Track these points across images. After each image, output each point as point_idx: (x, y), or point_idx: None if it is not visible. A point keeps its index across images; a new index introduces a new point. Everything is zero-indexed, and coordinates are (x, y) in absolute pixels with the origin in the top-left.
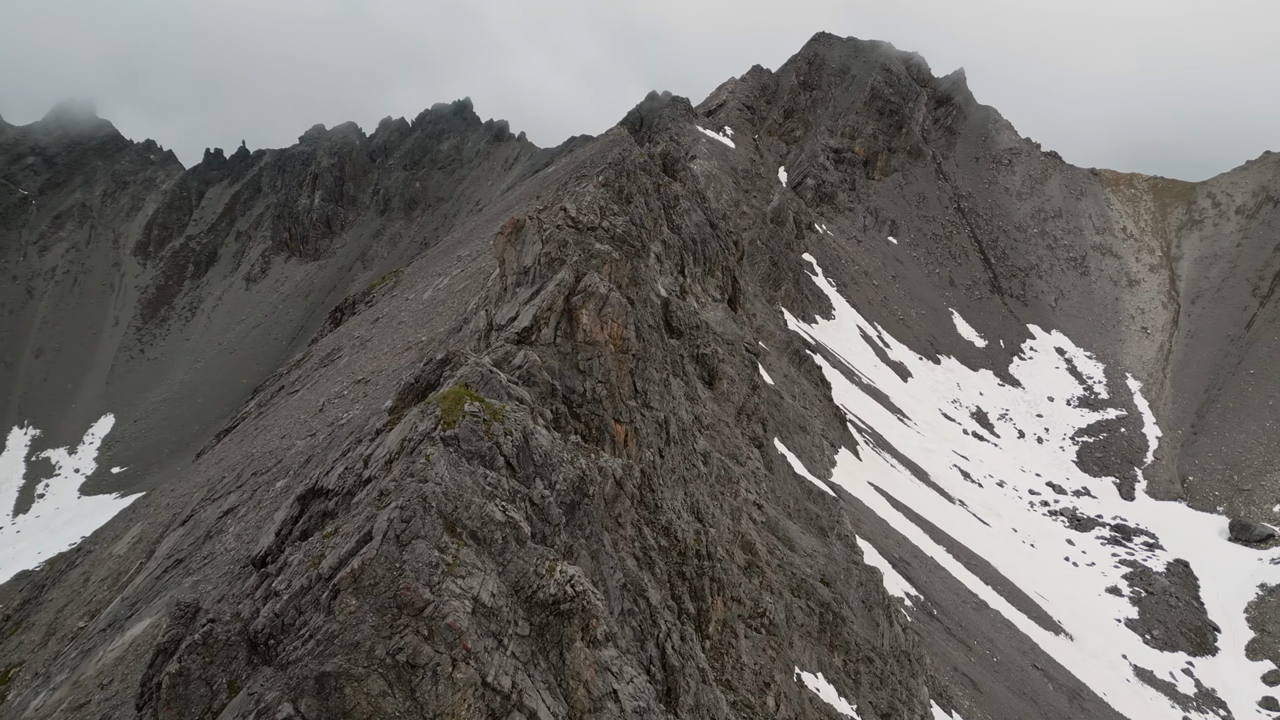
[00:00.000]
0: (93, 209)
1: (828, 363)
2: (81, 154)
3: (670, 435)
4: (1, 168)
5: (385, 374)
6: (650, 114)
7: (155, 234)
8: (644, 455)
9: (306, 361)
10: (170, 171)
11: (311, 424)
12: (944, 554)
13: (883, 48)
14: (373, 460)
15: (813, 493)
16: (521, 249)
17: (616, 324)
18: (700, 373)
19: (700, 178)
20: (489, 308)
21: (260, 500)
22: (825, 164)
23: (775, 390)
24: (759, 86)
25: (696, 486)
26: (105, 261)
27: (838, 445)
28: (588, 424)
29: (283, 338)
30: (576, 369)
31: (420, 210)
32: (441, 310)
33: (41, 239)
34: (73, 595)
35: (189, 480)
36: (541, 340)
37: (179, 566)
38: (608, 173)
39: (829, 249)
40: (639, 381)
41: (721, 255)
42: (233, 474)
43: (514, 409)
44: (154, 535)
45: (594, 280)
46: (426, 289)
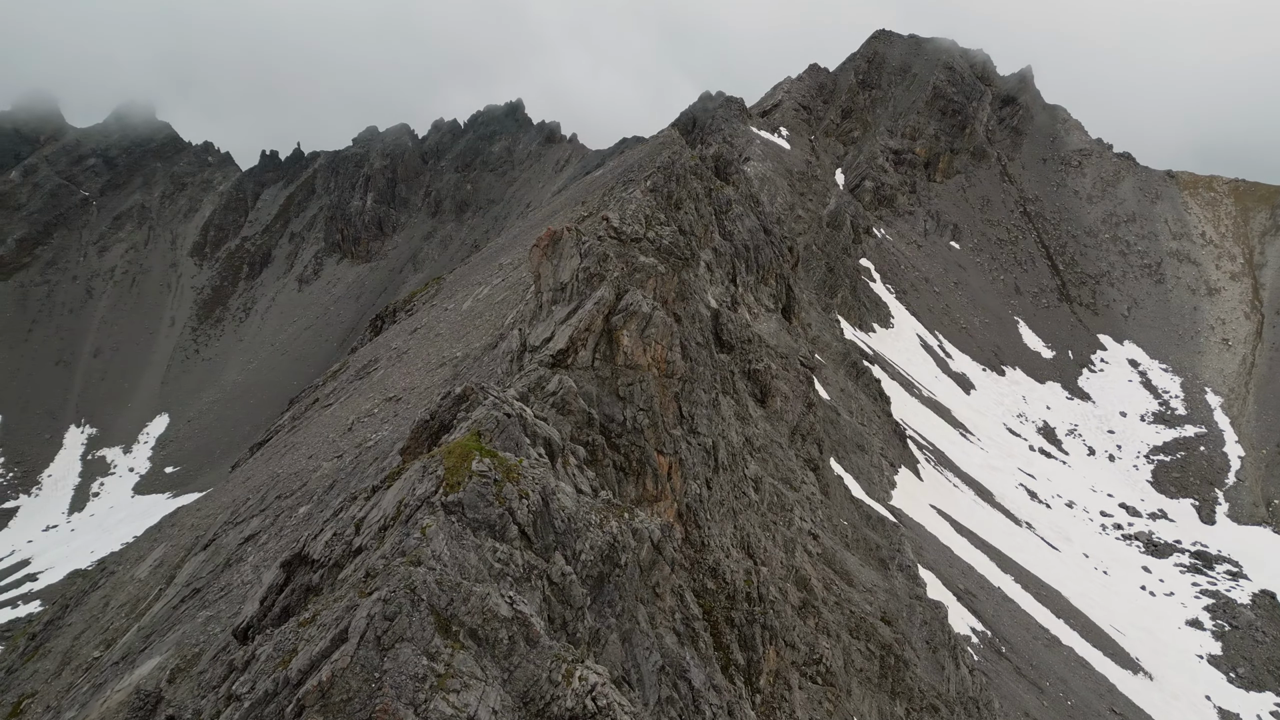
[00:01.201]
0: (151, 210)
1: (886, 374)
2: (141, 156)
3: (719, 462)
4: (63, 169)
5: (417, 392)
6: (703, 115)
7: (211, 235)
8: (689, 488)
9: (343, 373)
10: (227, 173)
11: (339, 444)
12: (1012, 584)
13: (945, 45)
14: (365, 525)
15: (872, 518)
16: (558, 263)
17: (660, 345)
18: (752, 390)
19: (754, 180)
20: (523, 326)
21: (282, 527)
22: (884, 166)
23: (831, 406)
24: (816, 86)
25: (747, 517)
26: (163, 262)
27: (898, 464)
28: (627, 455)
29: (334, 339)
30: (616, 395)
31: (471, 212)
32: (479, 323)
33: (101, 239)
34: (91, 621)
35: (215, 500)
36: (578, 363)
37: (196, 597)
38: (656, 177)
39: (888, 254)
40: (685, 405)
41: (775, 262)
42: (257, 496)
43: (532, 464)
44: (175, 559)
45: (636, 298)
46: (466, 299)
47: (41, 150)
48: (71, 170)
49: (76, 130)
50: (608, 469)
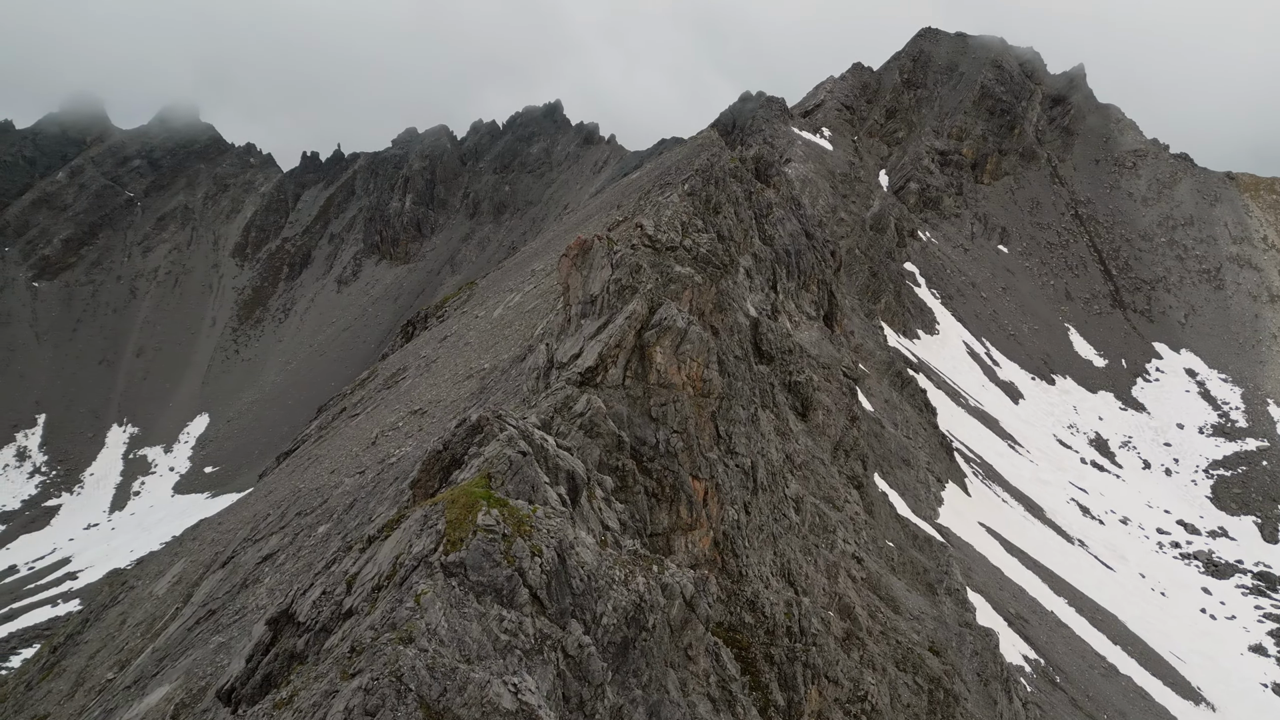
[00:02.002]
0: (194, 211)
1: (931, 383)
2: (185, 157)
3: (758, 482)
4: (108, 170)
5: (443, 405)
6: (742, 115)
7: (253, 236)
8: (726, 514)
9: (371, 381)
10: (269, 174)
11: (362, 459)
12: (1065, 607)
13: (993, 43)
14: (358, 584)
15: (918, 538)
16: (588, 274)
17: (696, 363)
18: (793, 403)
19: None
20: (550, 341)
21: (300, 547)
22: (930, 167)
23: (875, 418)
24: (859, 85)
25: (787, 541)
26: (205, 263)
27: (944, 479)
28: (660, 481)
29: (371, 341)
30: (648, 416)
31: (509, 214)
32: (509, 333)
33: (145, 240)
34: (107, 640)
35: (236, 513)
36: (608, 382)
37: (211, 619)
38: (694, 180)
39: (933, 258)
40: (722, 424)
41: (817, 267)
42: (277, 512)
43: (548, 513)
44: (194, 576)
45: (671, 312)
46: (497, 306)
47: (87, 152)
48: (117, 171)
49: (122, 132)
50: (639, 496)
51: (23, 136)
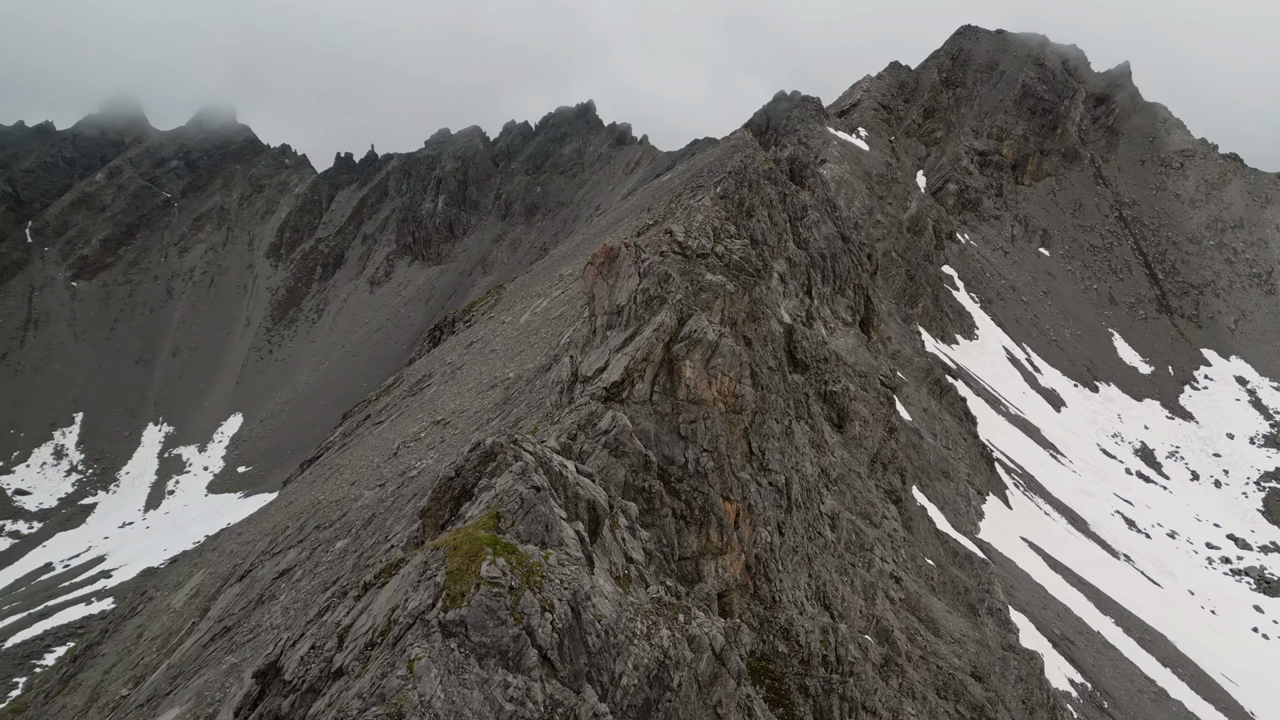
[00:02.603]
0: (230, 212)
1: (970, 390)
2: (221, 158)
3: (792, 500)
4: (146, 171)
5: (466, 416)
6: (777, 116)
7: (287, 236)
8: (759, 536)
9: (396, 387)
10: (303, 175)
11: (383, 470)
12: (1112, 627)
13: (1035, 41)
14: (350, 638)
15: (959, 555)
16: (614, 283)
17: (728, 377)
18: (828, 413)
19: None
20: (574, 353)
21: (317, 562)
22: (969, 167)
23: (913, 429)
24: (896, 84)
25: (823, 562)
26: (240, 263)
27: (985, 492)
28: (689, 503)
29: (403, 341)
30: (677, 434)
31: (541, 215)
32: (534, 340)
33: (182, 240)
34: (123, 654)
35: (256, 524)
36: (635, 397)
37: (225, 636)
38: (726, 183)
39: (972, 261)
40: (754, 440)
41: (854, 271)
42: (296, 524)
43: (562, 559)
44: (211, 589)
45: (701, 324)
46: (524, 311)
47: (126, 153)
48: (154, 172)
49: (159, 133)
50: (666, 519)
51: (62, 138)
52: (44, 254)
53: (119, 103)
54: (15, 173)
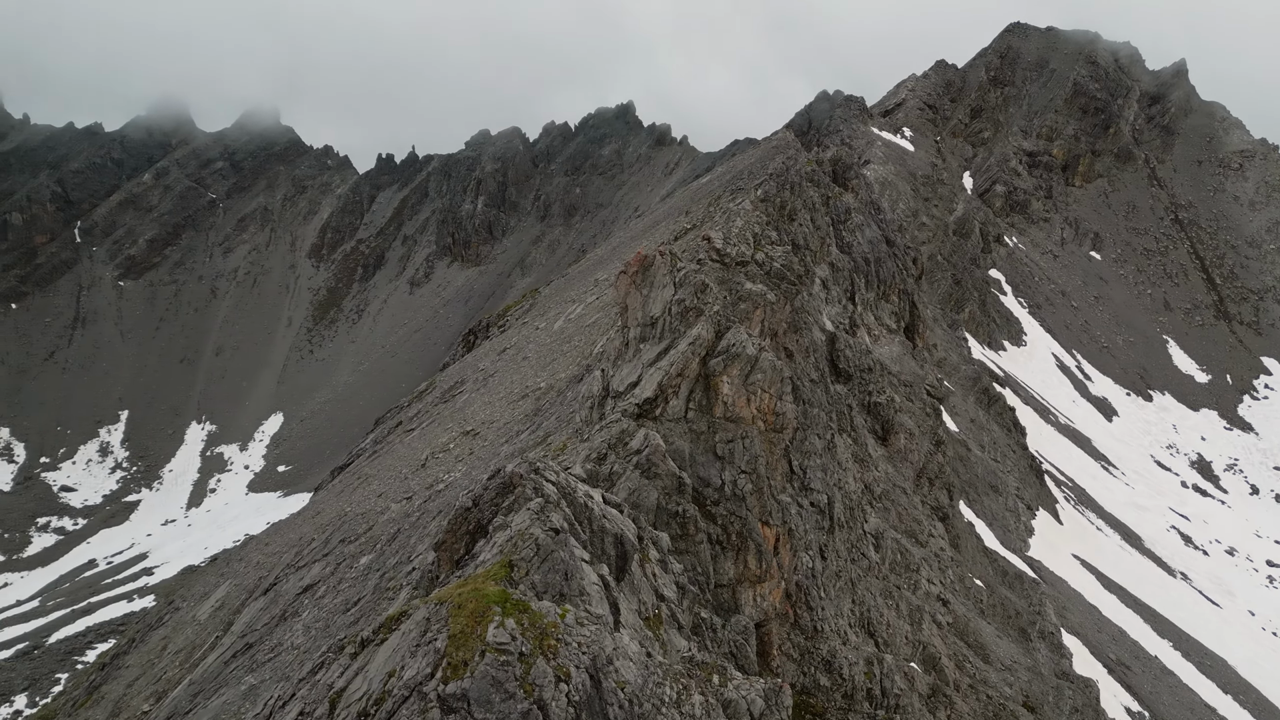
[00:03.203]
0: (273, 212)
1: (1018, 398)
2: (265, 159)
3: (834, 519)
4: (192, 172)
5: (495, 427)
6: (820, 116)
7: (329, 237)
8: (800, 562)
9: (429, 393)
10: (345, 176)
11: (411, 482)
12: (1169, 650)
13: (1087, 38)
14: (341, 706)
15: (1008, 575)
16: (649, 293)
17: (768, 394)
18: (872, 426)
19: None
20: (606, 366)
21: (341, 578)
22: (1017, 168)
23: (960, 440)
24: (943, 83)
25: (866, 585)
26: (282, 263)
27: (1035, 506)
28: (725, 527)
29: (442, 342)
30: (713, 454)
31: (579, 216)
32: (567, 349)
33: (226, 241)
34: (146, 667)
35: (283, 535)
36: (669, 414)
37: (247, 653)
38: (768, 185)
39: (1020, 265)
40: (795, 458)
41: (898, 276)
42: (322, 537)
43: (581, 619)
44: (236, 602)
45: (740, 337)
46: (558, 317)
47: (173, 154)
48: (200, 173)
49: (205, 134)
50: (701, 545)
51: (111, 139)
52: (92, 254)
53: (166, 105)
54: (65, 173)
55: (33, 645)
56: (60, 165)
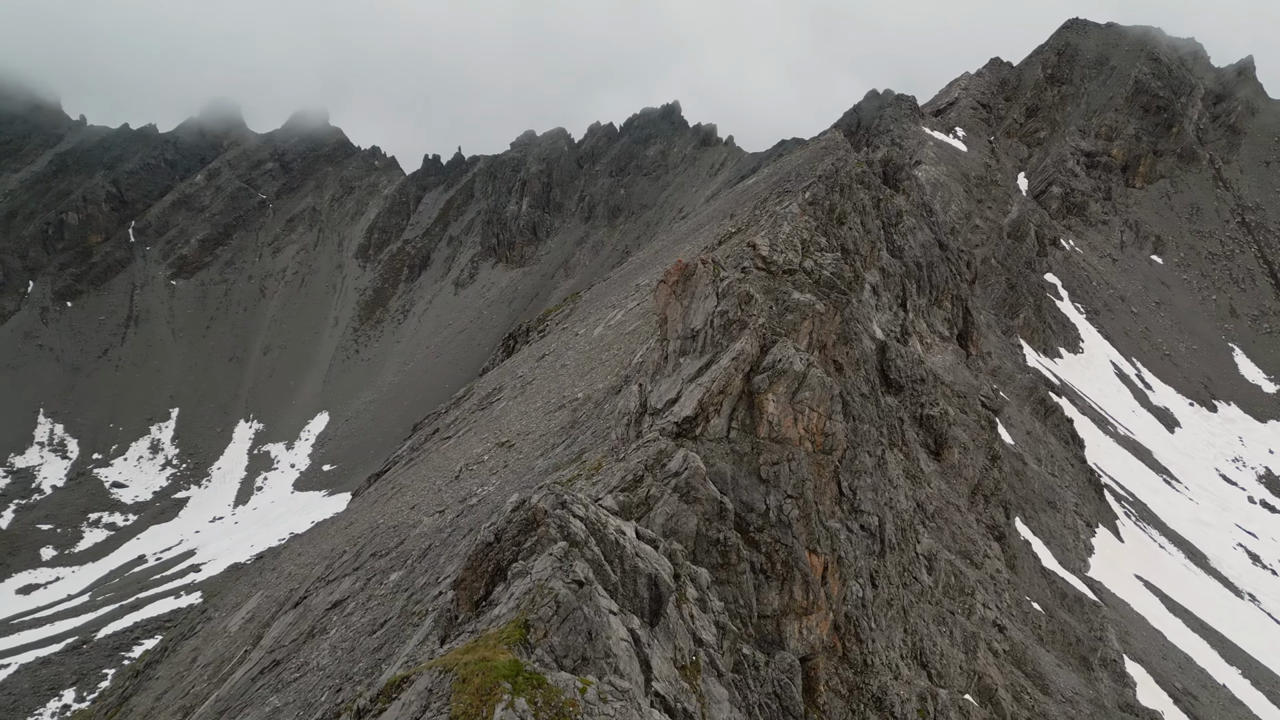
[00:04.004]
0: (321, 213)
1: (1075, 408)
2: (314, 160)
3: (885, 542)
4: (243, 173)
5: (531, 438)
6: (869, 115)
7: (375, 237)
8: (850, 591)
9: (466, 400)
10: (392, 177)
11: (444, 494)
12: (1239, 679)
13: (1150, 34)
14: None
15: (1068, 598)
16: (689, 304)
17: (817, 413)
18: (924, 439)
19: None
20: (644, 381)
21: (370, 595)
22: (1075, 169)
23: (1017, 454)
24: (997, 82)
25: (919, 612)
26: (330, 264)
27: (1094, 523)
28: (769, 555)
29: (485, 343)
30: (757, 477)
31: (623, 218)
32: (606, 357)
33: (275, 241)
34: (175, 679)
35: (316, 545)
36: (709, 434)
37: (274, 670)
38: (816, 188)
39: (1077, 269)
40: (845, 478)
41: (951, 281)
42: (353, 549)
43: (604, 693)
44: (266, 614)
45: (786, 352)
46: (598, 324)
47: (224, 155)
48: (250, 174)
49: (256, 136)
50: (743, 575)
51: (164, 140)
52: (145, 253)
53: (218, 107)
54: (120, 174)
55: (82, 640)
56: (115, 166)
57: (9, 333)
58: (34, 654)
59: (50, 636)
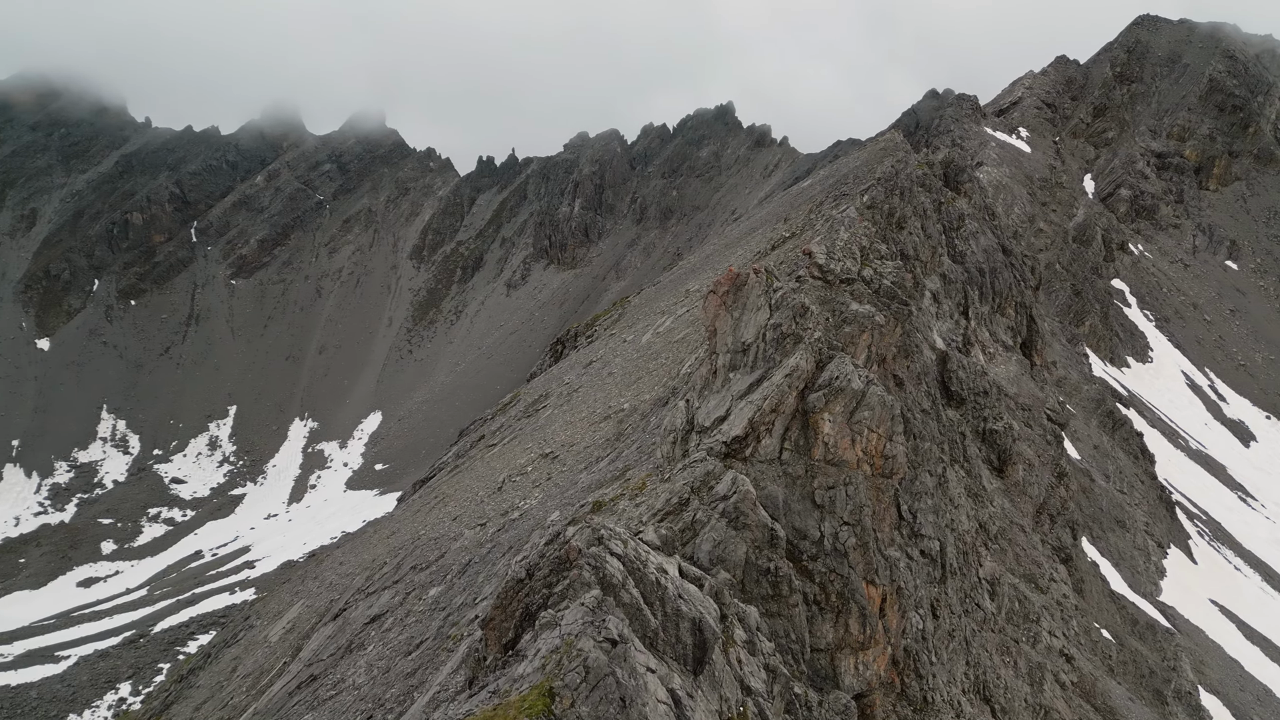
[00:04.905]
0: (377, 214)
1: (1144, 420)
2: (370, 161)
3: (946, 566)
4: (301, 174)
5: (575, 450)
6: (927, 115)
7: (430, 239)
8: (909, 623)
9: (513, 406)
10: (447, 178)
11: (486, 507)
12: None
13: (1224, 31)
14: None
15: (1139, 624)
16: (740, 316)
17: (876, 434)
18: (987, 455)
19: (988, 189)
20: (691, 397)
21: (409, 610)
22: (1145, 171)
23: (1083, 470)
24: (1063, 80)
25: (981, 641)
26: (384, 264)
27: (1166, 544)
28: (824, 586)
29: (536, 345)
30: (811, 502)
31: (675, 219)
32: (653, 366)
33: (332, 241)
34: (215, 689)
35: (358, 554)
36: (760, 455)
37: (311, 685)
38: (875, 191)
39: (1146, 275)
40: (905, 501)
41: (1015, 287)
42: (394, 560)
43: None
44: (306, 625)
45: (844, 369)
46: (646, 330)
47: (284, 156)
48: (309, 175)
49: (314, 137)
50: (795, 607)
51: (226, 142)
52: (206, 253)
53: (278, 109)
54: (183, 175)
55: (139, 634)
56: (179, 167)
57: (75, 330)
58: (93, 646)
59: (108, 630)
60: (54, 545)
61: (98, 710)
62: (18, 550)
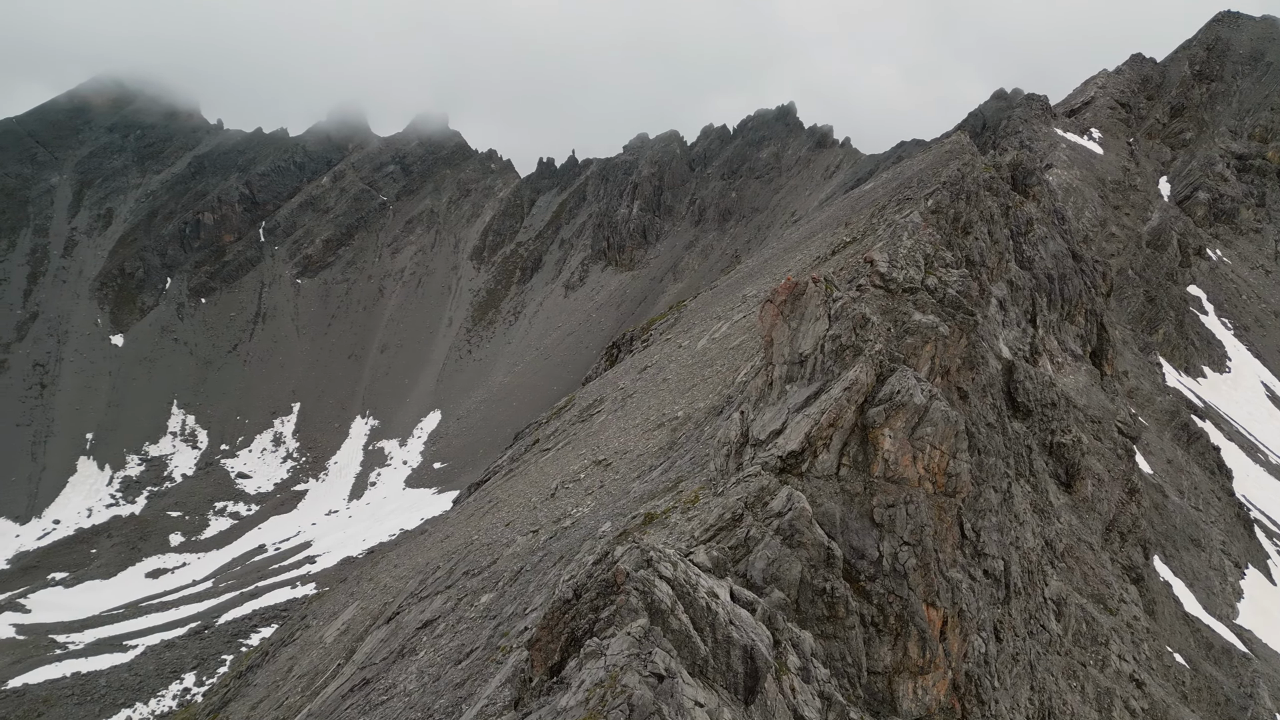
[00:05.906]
0: (439, 215)
1: (1221, 433)
2: (433, 163)
3: (1010, 587)
4: (366, 175)
5: (628, 458)
6: (994, 116)
7: (490, 240)
8: (972, 647)
9: (567, 410)
10: (507, 180)
11: (539, 513)
12: None
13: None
14: None
15: (1214, 649)
16: (798, 326)
17: (939, 451)
18: (1054, 469)
19: (1058, 192)
20: (746, 408)
21: (461, 617)
22: (1224, 173)
23: (1156, 485)
24: (1138, 79)
25: (1047, 664)
26: (445, 265)
27: (1244, 564)
28: (882, 608)
29: (593, 346)
30: (869, 520)
31: (734, 221)
32: (708, 373)
33: (394, 241)
34: (271, 689)
35: (412, 557)
36: (817, 470)
37: (363, 690)
38: (939, 195)
39: (1224, 281)
40: (968, 519)
41: (1085, 294)
42: (447, 565)
43: None
44: (360, 627)
45: (906, 383)
46: (702, 336)
47: (349, 158)
48: (373, 176)
49: (379, 139)
50: (852, 630)
51: (294, 144)
52: (274, 253)
53: (344, 111)
54: (253, 176)
55: (204, 625)
56: (248, 168)
57: (148, 326)
58: (159, 637)
59: (174, 620)
60: (124, 536)
61: (163, 699)
62: (89, 541)
